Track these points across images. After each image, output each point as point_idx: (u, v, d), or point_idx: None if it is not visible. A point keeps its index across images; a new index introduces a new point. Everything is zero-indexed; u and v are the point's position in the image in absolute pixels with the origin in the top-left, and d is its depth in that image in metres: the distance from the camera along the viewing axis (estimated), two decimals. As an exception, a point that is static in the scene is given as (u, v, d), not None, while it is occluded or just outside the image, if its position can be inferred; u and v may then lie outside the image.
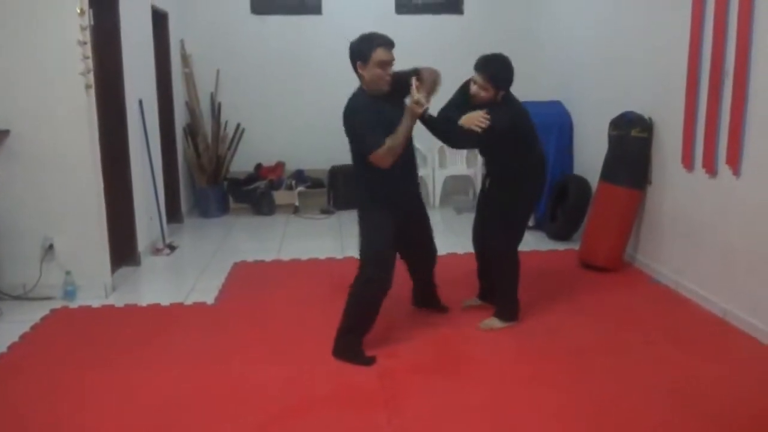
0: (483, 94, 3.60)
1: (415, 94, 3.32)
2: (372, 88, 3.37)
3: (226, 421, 2.86)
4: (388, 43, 3.33)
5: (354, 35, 3.38)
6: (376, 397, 3.07)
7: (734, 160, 3.77)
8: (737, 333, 3.72)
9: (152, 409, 2.98)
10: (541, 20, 7.08)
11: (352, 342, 3.46)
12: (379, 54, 3.28)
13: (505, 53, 3.66)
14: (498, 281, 3.96)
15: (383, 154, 3.25)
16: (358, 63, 3.33)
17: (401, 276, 4.37)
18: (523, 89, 6.71)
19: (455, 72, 3.77)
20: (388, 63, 3.33)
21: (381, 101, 3.38)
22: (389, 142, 3.25)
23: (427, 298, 4.06)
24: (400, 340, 3.69)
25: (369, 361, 3.40)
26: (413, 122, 3.35)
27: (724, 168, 3.90)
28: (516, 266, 3.88)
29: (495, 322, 3.87)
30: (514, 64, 3.75)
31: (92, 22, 4.37)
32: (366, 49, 3.29)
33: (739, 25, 3.70)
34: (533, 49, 7.11)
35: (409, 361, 3.43)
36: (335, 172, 7.29)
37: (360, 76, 3.38)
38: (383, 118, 3.32)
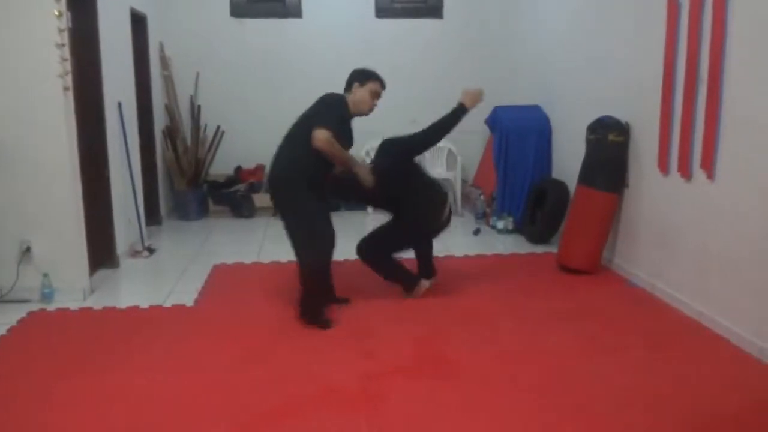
0: None
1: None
2: (354, 109, 3.95)
3: (206, 424, 2.85)
4: (383, 83, 4.02)
5: (334, 39, 3.46)
6: (356, 398, 3.08)
7: (708, 165, 3.84)
8: (712, 335, 3.78)
9: (131, 412, 2.96)
10: (520, 26, 7.13)
11: (314, 305, 3.95)
12: (375, 85, 3.97)
13: (485, 58, 3.74)
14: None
15: (327, 137, 3.67)
16: (356, 84, 3.95)
17: (377, 280, 4.40)
18: (502, 94, 6.84)
19: (435, 76, 3.81)
20: (377, 96, 4.00)
21: (350, 122, 3.98)
22: (337, 145, 3.73)
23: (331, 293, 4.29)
24: (380, 341, 3.71)
25: (327, 323, 3.89)
26: (352, 167, 3.97)
27: (698, 172, 3.96)
28: None
29: (424, 284, 4.40)
30: (494, 68, 3.85)
31: (70, 25, 4.34)
32: (366, 76, 3.96)
33: (713, 32, 3.77)
34: (512, 54, 7.17)
35: (389, 362, 3.44)
36: (315, 175, 7.27)
37: (351, 94, 3.96)
38: (346, 130, 3.90)
